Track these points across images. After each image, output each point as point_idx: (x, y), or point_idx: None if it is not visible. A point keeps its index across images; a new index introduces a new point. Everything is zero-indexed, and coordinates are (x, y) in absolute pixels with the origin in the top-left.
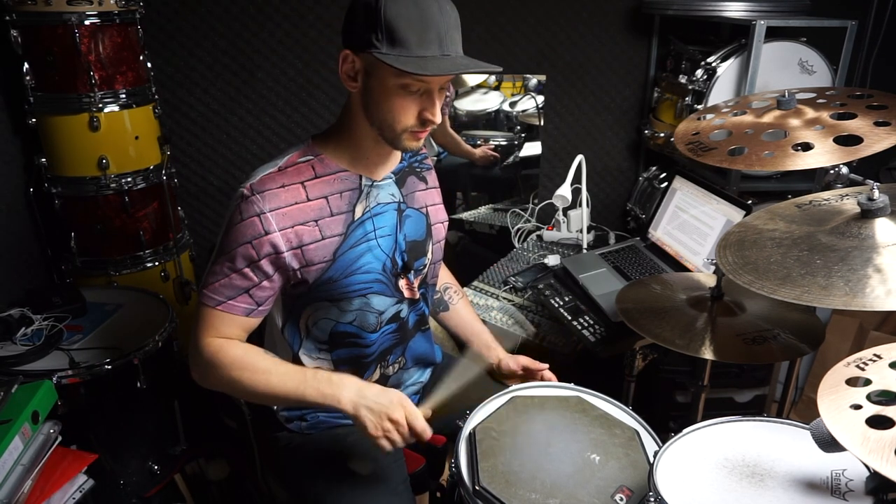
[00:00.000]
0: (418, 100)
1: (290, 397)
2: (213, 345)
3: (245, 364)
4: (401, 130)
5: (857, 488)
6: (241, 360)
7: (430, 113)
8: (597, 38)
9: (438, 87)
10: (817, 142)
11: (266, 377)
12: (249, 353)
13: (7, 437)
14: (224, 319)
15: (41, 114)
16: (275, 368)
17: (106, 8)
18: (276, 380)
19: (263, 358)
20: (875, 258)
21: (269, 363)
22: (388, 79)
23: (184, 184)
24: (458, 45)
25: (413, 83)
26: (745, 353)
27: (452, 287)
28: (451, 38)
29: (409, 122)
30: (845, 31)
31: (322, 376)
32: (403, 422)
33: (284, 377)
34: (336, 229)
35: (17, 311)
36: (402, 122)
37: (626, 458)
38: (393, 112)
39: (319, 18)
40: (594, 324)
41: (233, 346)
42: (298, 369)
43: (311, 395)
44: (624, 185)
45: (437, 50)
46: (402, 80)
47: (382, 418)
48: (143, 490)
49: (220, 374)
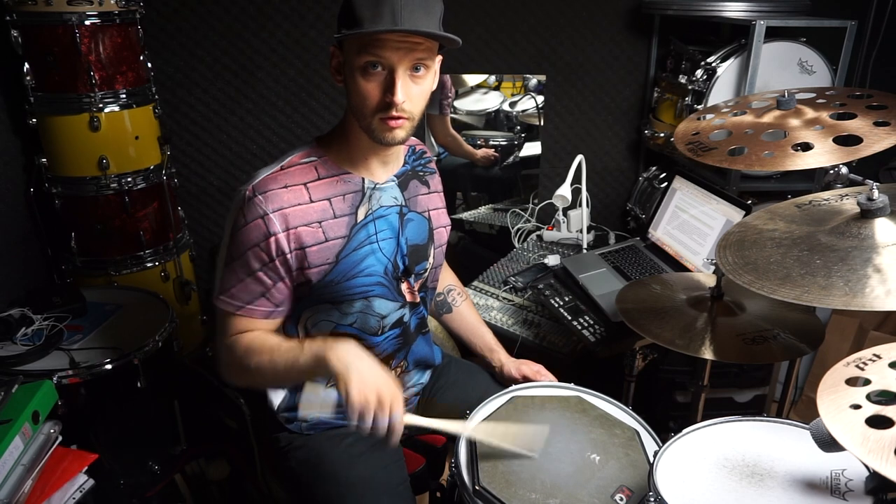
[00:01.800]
0: (382, 82)
1: (291, 371)
2: (229, 342)
3: (254, 348)
4: (370, 115)
5: (856, 488)
6: (250, 345)
7: (390, 93)
8: (597, 38)
9: (406, 70)
10: (817, 142)
11: (271, 356)
12: (258, 338)
13: (7, 437)
14: (245, 323)
15: (41, 114)
16: (278, 346)
17: (106, 8)
18: (277, 356)
19: (269, 338)
20: (875, 258)
21: (274, 342)
22: (353, 60)
23: (184, 184)
24: (418, 21)
25: (374, 60)
26: (745, 353)
27: (456, 289)
28: (409, 13)
29: (373, 105)
30: (845, 31)
31: (318, 341)
32: (388, 409)
33: (286, 351)
34: (339, 231)
35: (18, 311)
36: (368, 105)
37: (626, 458)
38: (360, 96)
39: (319, 18)
40: (594, 324)
41: (245, 337)
42: (299, 342)
43: (307, 361)
44: (624, 185)
45: (391, 23)
46: (362, 60)
47: (371, 390)
48: (143, 490)
49: (238, 365)
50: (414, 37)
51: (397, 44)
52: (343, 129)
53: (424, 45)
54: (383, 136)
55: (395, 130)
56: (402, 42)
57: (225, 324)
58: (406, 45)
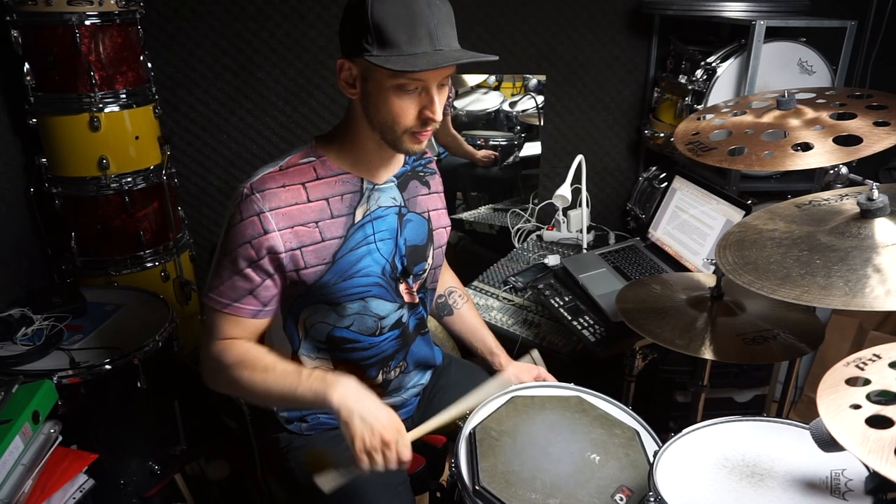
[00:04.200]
0: (417, 99)
1: (286, 397)
2: (219, 346)
3: (247, 362)
4: (401, 132)
5: (856, 488)
6: (243, 358)
7: (430, 111)
8: (597, 38)
9: (437, 84)
10: (817, 142)
11: (264, 376)
12: (252, 351)
13: (7, 436)
14: (231, 322)
15: (41, 114)
16: (273, 367)
17: (106, 8)
18: (272, 378)
19: (265, 356)
20: (874, 258)
21: (269, 361)
22: (384, 81)
23: (184, 184)
24: (451, 39)
25: (409, 82)
26: (745, 353)
27: (457, 291)
28: (442, 32)
29: (408, 123)
30: (845, 31)
31: (318, 375)
32: (394, 447)
33: (282, 376)
34: (336, 232)
35: (18, 311)
36: (403, 123)
37: (626, 458)
38: (392, 114)
39: (319, 18)
40: (594, 324)
41: (237, 346)
42: (297, 368)
43: (305, 393)
44: (624, 185)
45: (429, 46)
46: (398, 81)
47: (375, 435)
48: (143, 490)
49: (225, 374)
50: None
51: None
52: (346, 130)
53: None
54: (410, 148)
55: (423, 143)
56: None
57: (213, 323)
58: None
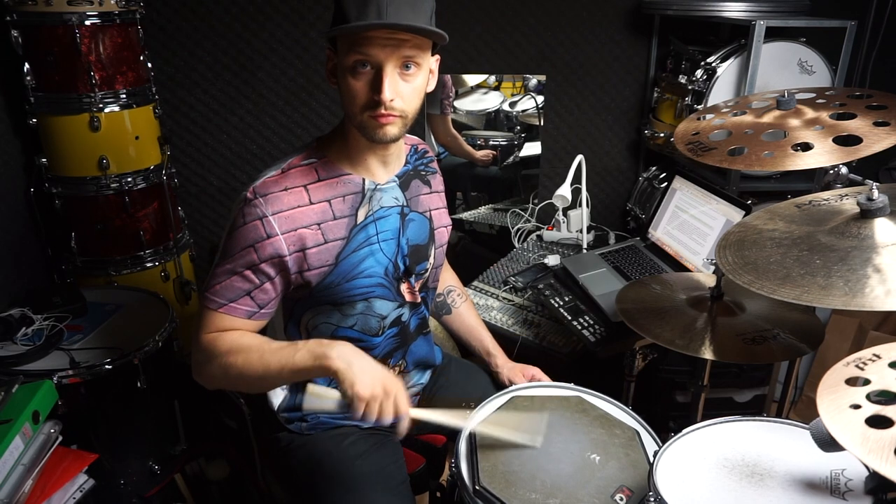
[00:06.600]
0: (370, 81)
1: (284, 370)
2: (211, 336)
3: (239, 346)
4: (359, 113)
5: (856, 488)
6: (237, 343)
7: (376, 91)
8: (597, 38)
9: (397, 67)
10: (817, 142)
11: (260, 354)
12: (244, 337)
13: (8, 436)
14: (225, 322)
15: (41, 114)
16: (267, 345)
17: (106, 8)
18: (269, 354)
19: (255, 338)
20: (874, 258)
21: (260, 341)
22: (342, 61)
23: (184, 184)
24: (405, 15)
25: (361, 60)
26: (745, 353)
27: (456, 290)
28: (394, 8)
29: (361, 102)
30: (844, 31)
31: (315, 341)
32: (393, 396)
33: (278, 349)
34: (339, 233)
35: (18, 311)
36: (357, 103)
37: (626, 458)
38: (349, 95)
39: (319, 18)
40: (594, 324)
41: (230, 334)
42: (291, 342)
43: (303, 357)
44: (624, 185)
45: (376, 17)
46: (351, 59)
47: (377, 383)
48: (143, 490)
49: (217, 363)
50: (400, 33)
51: (384, 41)
52: (342, 129)
53: (412, 41)
54: (374, 134)
55: (386, 127)
56: (389, 39)
57: (205, 320)
58: (392, 42)
